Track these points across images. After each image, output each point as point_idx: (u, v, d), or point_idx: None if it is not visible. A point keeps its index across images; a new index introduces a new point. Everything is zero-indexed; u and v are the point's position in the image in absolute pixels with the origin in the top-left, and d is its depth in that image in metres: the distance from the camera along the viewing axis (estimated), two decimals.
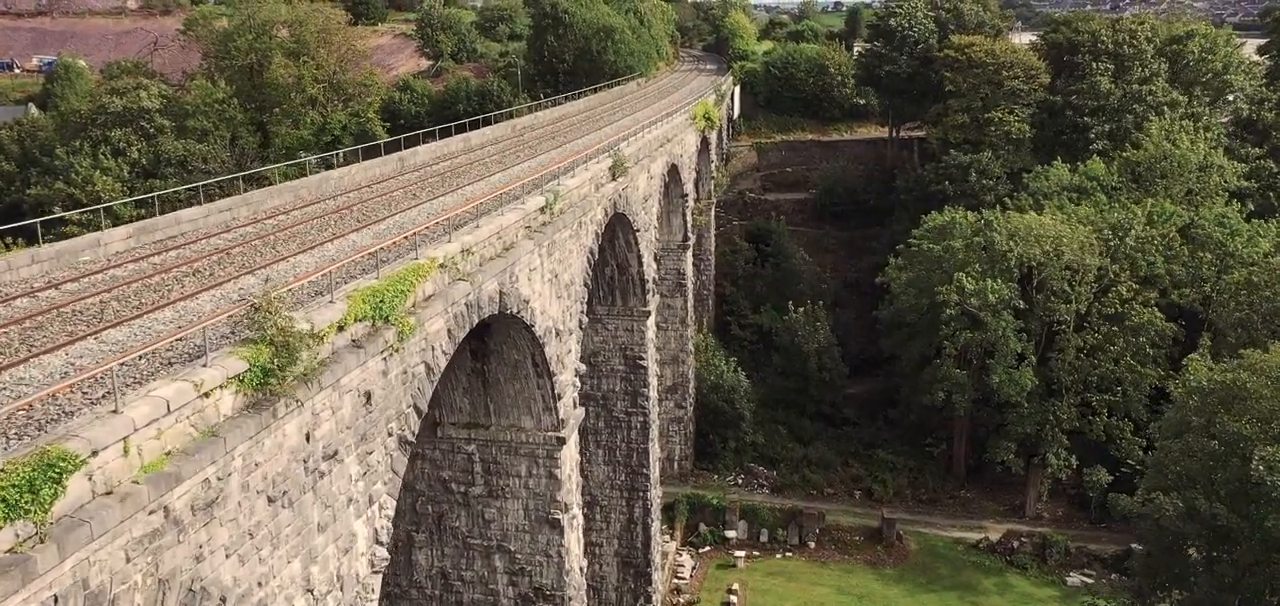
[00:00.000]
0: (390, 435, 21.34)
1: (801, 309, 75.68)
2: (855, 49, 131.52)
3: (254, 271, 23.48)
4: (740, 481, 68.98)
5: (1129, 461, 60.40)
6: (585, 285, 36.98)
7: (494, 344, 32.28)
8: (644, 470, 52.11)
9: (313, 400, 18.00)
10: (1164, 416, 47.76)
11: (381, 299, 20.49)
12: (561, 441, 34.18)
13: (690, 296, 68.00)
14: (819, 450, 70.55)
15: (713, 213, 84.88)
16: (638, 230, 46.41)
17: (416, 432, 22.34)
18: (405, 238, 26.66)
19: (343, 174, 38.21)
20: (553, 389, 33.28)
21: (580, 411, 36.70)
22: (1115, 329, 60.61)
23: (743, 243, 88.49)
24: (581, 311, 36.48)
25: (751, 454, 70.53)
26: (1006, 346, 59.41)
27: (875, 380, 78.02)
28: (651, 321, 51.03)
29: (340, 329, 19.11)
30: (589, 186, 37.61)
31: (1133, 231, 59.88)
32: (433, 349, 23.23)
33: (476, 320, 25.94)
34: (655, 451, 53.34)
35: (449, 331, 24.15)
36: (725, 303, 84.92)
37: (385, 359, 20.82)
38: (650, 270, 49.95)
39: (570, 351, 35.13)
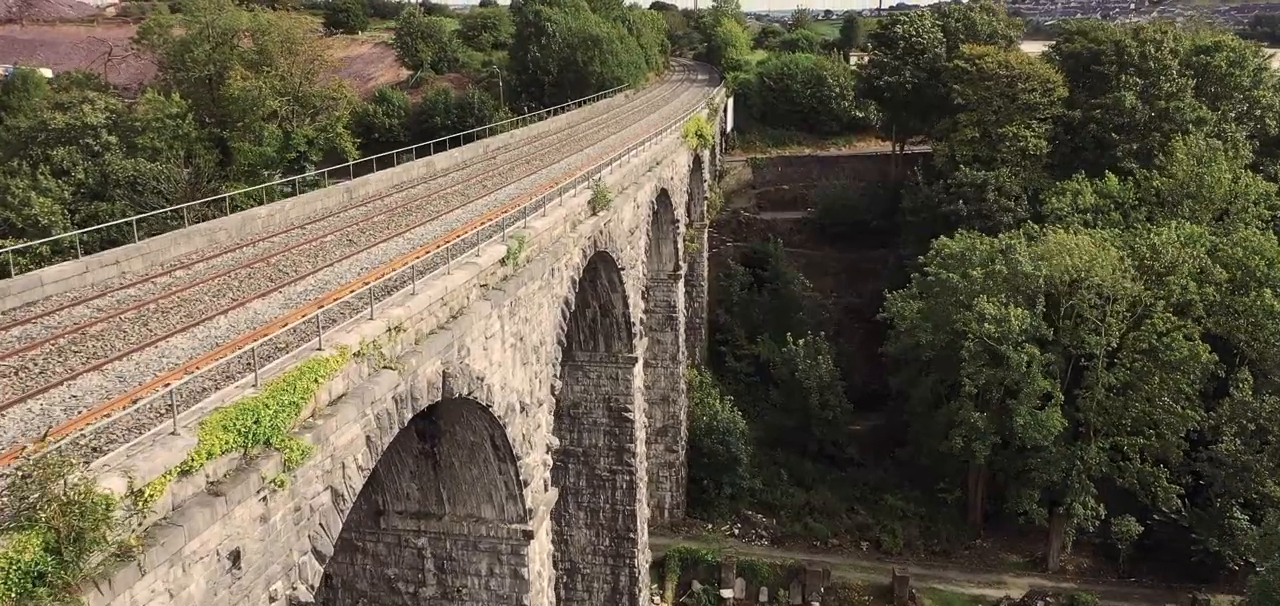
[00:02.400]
0: (273, 601, 15.59)
1: (802, 340, 70.10)
2: (852, 59, 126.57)
3: (89, 371, 17.72)
4: (737, 531, 63.29)
5: (1164, 510, 55.20)
6: (559, 343, 31.33)
7: (444, 423, 26.58)
8: (630, 534, 46.45)
9: (132, 590, 12.27)
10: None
11: (257, 418, 14.79)
12: (529, 535, 28.46)
13: (681, 330, 62.42)
14: (822, 495, 64.91)
15: (706, 235, 79.40)
16: (622, 268, 40.83)
17: (314, 587, 16.58)
18: (321, 306, 20.93)
19: (274, 210, 32.46)
20: (517, 474, 27.58)
21: (552, 493, 30.98)
22: (1150, 364, 55.14)
23: (738, 266, 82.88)
24: (554, 375, 30.81)
25: (748, 500, 64.85)
26: (1031, 385, 53.91)
27: (881, 416, 72.42)
28: (639, 368, 45.42)
29: (184, 474, 13.39)
30: (564, 226, 31.98)
31: (1168, 253, 54.45)
32: (343, 468, 17.51)
33: (411, 415, 20.25)
34: (643, 512, 47.70)
35: (369, 439, 18.44)
36: (719, 331, 79.30)
37: (264, 499, 15.10)
38: (637, 311, 44.36)
39: (540, 426, 29.43)
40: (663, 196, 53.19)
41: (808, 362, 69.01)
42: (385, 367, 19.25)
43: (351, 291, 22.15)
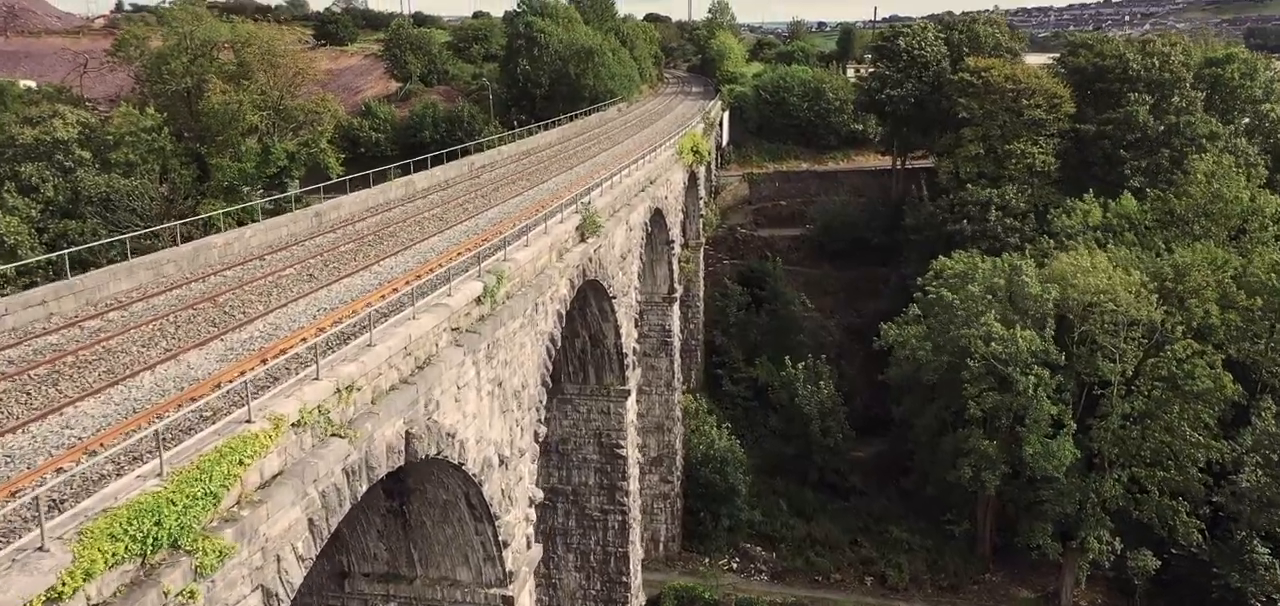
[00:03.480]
0: None
1: (801, 364, 67.42)
2: (849, 72, 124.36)
3: None
4: (735, 565, 60.45)
5: (1183, 543, 52.56)
6: (544, 384, 28.60)
7: (414, 481, 23.81)
8: (623, 577, 43.61)
9: None
10: None
11: (158, 518, 12.02)
12: (509, 601, 25.65)
13: (676, 355, 59.68)
14: (823, 527, 62.12)
15: (702, 254, 76.76)
16: (614, 296, 38.14)
17: None
18: (264, 360, 18.19)
19: (233, 239, 29.71)
20: (495, 534, 24.80)
21: (536, 550, 28.16)
22: (1170, 393, 52.54)
23: (734, 285, 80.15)
24: (537, 420, 28.06)
25: (747, 532, 62.03)
26: (1040, 410, 51.24)
27: (884, 441, 69.68)
28: (631, 402, 42.67)
29: (53, 603, 10.61)
30: (549, 256, 29.28)
31: (1193, 277, 51.92)
32: (278, 562, 14.73)
33: (365, 487, 17.49)
34: (636, 553, 44.88)
35: (312, 522, 15.67)
36: (715, 353, 76.50)
37: None
38: (630, 340, 41.65)
39: (521, 478, 26.66)
40: (657, 217, 50.58)
41: (808, 388, 66.37)
42: (334, 435, 16.51)
43: (303, 339, 19.40)
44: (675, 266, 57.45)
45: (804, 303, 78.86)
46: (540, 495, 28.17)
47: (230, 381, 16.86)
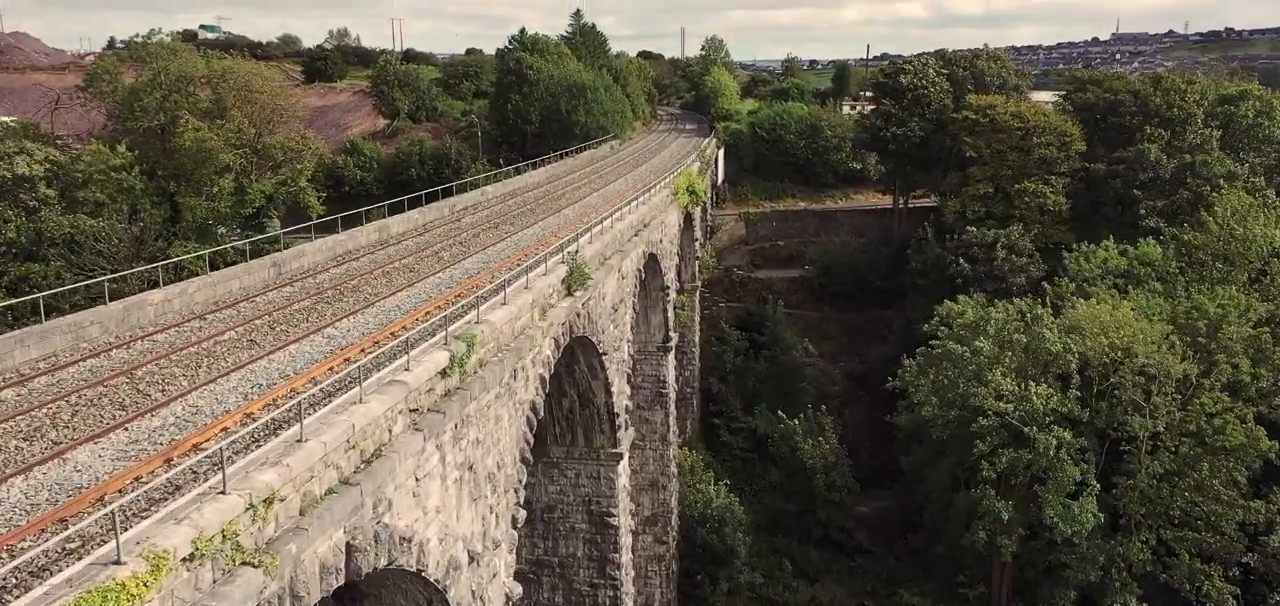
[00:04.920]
0: None
1: (803, 415, 63.98)
2: (845, 108, 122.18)
3: None
4: None
5: None
6: (523, 460, 25.12)
7: (367, 585, 20.20)
8: None
9: None
10: None
11: None
12: None
13: (672, 407, 56.17)
14: (829, 590, 58.38)
15: (697, 297, 73.50)
16: (604, 352, 34.72)
17: None
18: (169, 460, 14.72)
19: (174, 294, 26.26)
20: None
21: None
22: (1199, 449, 49.22)
23: (731, 330, 76.80)
24: (516, 503, 24.55)
25: (747, 595, 58.19)
26: (1063, 473, 47.81)
27: (891, 495, 66.16)
28: (624, 466, 39.14)
29: None
30: (531, 314, 25.93)
31: (1224, 331, 48.84)
32: None
33: None
34: None
35: None
36: (712, 402, 73.00)
37: None
38: (622, 398, 38.20)
39: (496, 575, 23.08)
40: (651, 262, 47.38)
41: (810, 440, 62.90)
42: (245, 564, 13.00)
43: (224, 430, 15.97)
44: (670, 313, 54.15)
45: (805, 348, 75.57)
46: (518, 591, 24.55)
47: (119, 491, 13.40)
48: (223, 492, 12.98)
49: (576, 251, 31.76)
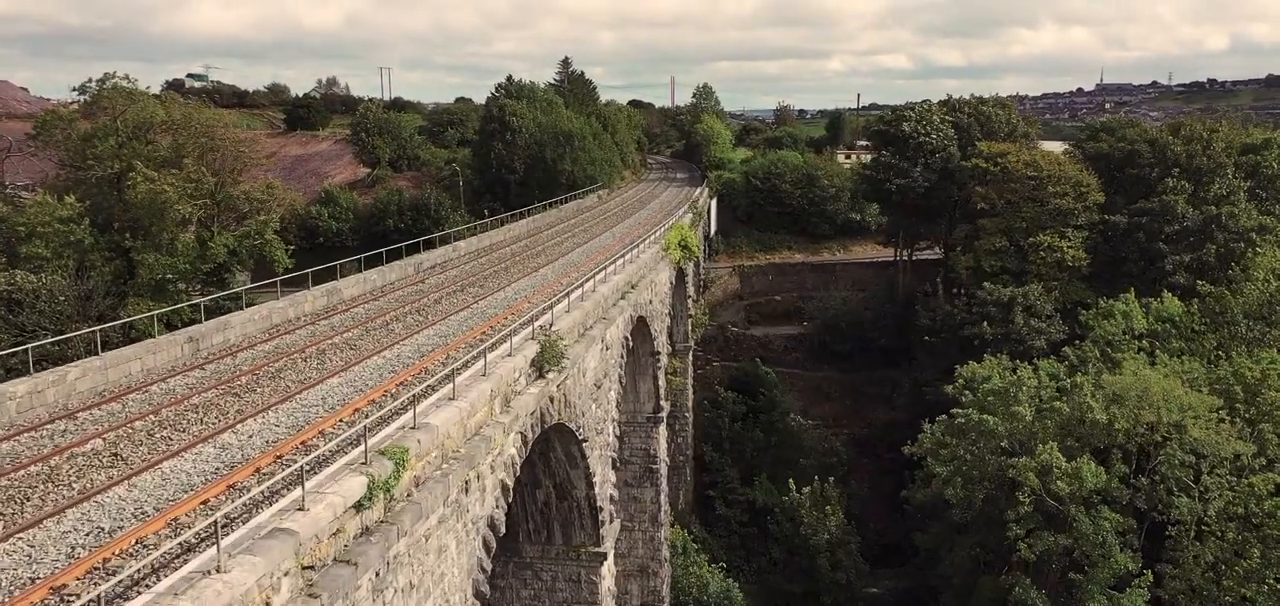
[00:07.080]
0: None
1: (807, 489, 58.84)
2: (841, 157, 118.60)
3: None
4: None
5: None
6: (479, 595, 19.96)
7: None
8: None
9: None
10: None
11: None
12: None
13: (663, 484, 50.95)
14: None
15: (690, 357, 68.54)
16: (585, 438, 29.66)
17: None
18: None
19: (52, 381, 21.19)
20: None
21: None
22: (1247, 535, 44.20)
23: (727, 392, 71.70)
24: None
25: None
26: (1113, 563, 42.60)
27: (903, 575, 60.72)
28: (608, 566, 33.85)
29: None
30: (490, 407, 20.97)
31: (1266, 396, 44.19)
32: None
33: None
34: None
35: None
36: (707, 471, 67.74)
37: None
38: (606, 488, 33.09)
39: None
40: (640, 326, 42.47)
41: (814, 514, 57.68)
42: None
43: None
44: (661, 380, 49.15)
45: (803, 421, 70.34)
46: None
47: None
48: None
49: (551, 323, 26.92)
